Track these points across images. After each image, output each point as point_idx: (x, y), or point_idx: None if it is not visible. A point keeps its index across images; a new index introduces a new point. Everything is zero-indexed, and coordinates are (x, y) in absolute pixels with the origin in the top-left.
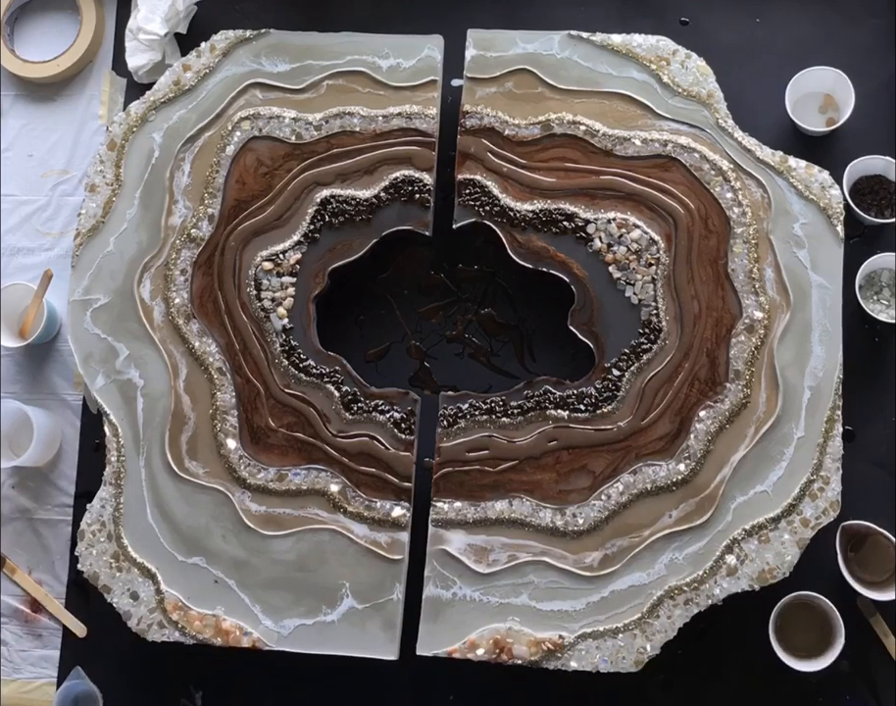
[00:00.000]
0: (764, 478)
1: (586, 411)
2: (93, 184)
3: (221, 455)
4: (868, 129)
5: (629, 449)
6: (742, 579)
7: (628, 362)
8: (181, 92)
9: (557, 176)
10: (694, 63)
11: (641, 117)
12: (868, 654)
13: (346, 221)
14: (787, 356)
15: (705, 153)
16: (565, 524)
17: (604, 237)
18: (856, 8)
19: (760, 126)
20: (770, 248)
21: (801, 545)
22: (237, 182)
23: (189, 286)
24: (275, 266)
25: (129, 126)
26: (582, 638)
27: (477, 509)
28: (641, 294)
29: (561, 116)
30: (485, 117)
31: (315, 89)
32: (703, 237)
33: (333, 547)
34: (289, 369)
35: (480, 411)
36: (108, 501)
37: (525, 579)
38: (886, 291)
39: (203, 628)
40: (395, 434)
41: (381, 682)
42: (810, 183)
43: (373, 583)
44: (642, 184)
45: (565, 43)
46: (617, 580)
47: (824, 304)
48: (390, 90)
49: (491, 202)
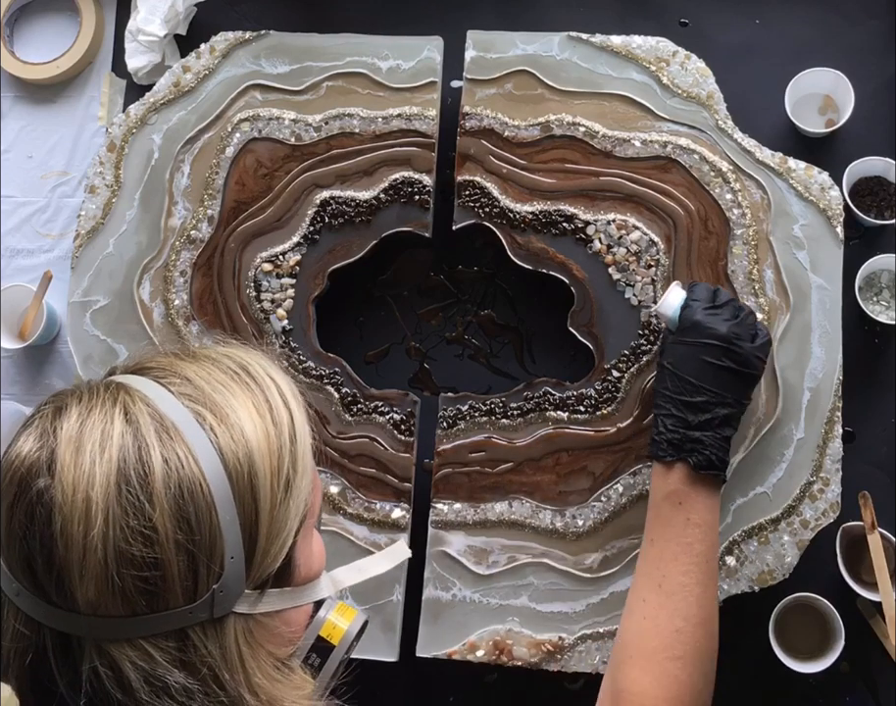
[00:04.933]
0: (763, 479)
1: (586, 412)
2: (93, 186)
3: None
4: (867, 131)
5: (629, 451)
6: (742, 581)
7: (628, 363)
8: (181, 94)
9: (557, 177)
10: (694, 64)
11: (641, 118)
12: (868, 655)
13: (346, 222)
14: (787, 357)
15: (705, 154)
16: (565, 525)
17: (604, 239)
18: (855, 9)
19: (759, 127)
20: (769, 249)
21: (801, 547)
22: (237, 184)
23: (189, 288)
24: (275, 267)
25: (129, 128)
26: (582, 640)
27: (477, 510)
28: (641, 296)
29: (560, 117)
30: (485, 118)
31: (314, 91)
32: (703, 239)
33: (333, 549)
34: (289, 370)
35: (480, 412)
36: None
37: (525, 580)
38: (886, 293)
39: None
40: (395, 436)
41: (381, 684)
42: (809, 185)
43: (373, 585)
44: (642, 186)
45: (564, 44)
46: (617, 582)
47: (824, 305)
48: (390, 92)
49: (491, 203)
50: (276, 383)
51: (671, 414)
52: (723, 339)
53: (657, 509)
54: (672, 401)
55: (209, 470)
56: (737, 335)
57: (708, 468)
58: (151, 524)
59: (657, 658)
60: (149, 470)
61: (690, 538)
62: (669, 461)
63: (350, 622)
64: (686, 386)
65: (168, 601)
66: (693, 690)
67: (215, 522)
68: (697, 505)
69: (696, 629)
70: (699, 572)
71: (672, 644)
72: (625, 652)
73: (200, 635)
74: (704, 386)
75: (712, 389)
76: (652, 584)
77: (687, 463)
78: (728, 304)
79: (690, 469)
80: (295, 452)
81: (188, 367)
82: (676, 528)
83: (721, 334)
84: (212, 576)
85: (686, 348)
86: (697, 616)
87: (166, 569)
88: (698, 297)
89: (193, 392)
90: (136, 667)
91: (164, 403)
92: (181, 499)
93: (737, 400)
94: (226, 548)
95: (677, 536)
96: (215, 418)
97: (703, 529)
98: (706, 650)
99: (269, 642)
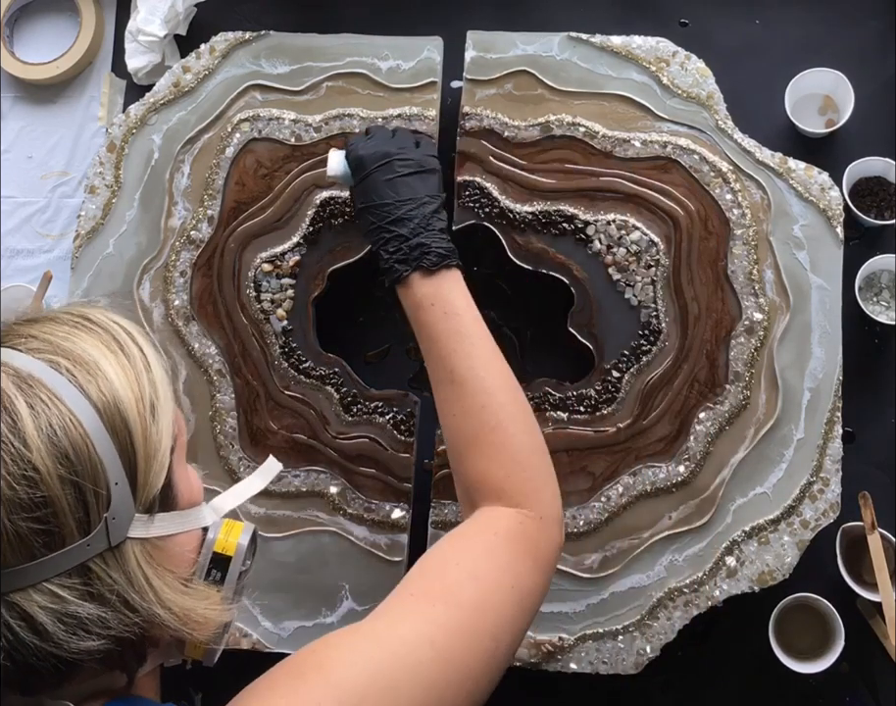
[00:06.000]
0: (763, 479)
1: (586, 412)
2: (93, 186)
3: (220, 457)
4: (867, 131)
5: (629, 451)
6: (742, 581)
7: (628, 363)
8: (181, 94)
9: (556, 177)
10: (694, 64)
11: (641, 118)
12: (868, 656)
13: (346, 223)
14: (787, 358)
15: (705, 154)
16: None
17: (604, 239)
18: (856, 9)
19: (759, 127)
20: (769, 250)
21: (801, 547)
22: (237, 184)
23: (189, 288)
24: (275, 268)
25: (129, 128)
26: (582, 640)
27: None
28: (641, 296)
29: (560, 117)
30: (485, 118)
31: (314, 91)
32: (703, 239)
33: (333, 549)
34: (289, 371)
35: None
36: None
37: None
38: (886, 293)
39: None
40: (395, 436)
41: None
42: (809, 185)
43: (373, 585)
44: (642, 186)
45: (564, 45)
46: (616, 582)
47: (824, 306)
48: (390, 92)
49: (491, 204)
50: (120, 325)
51: (386, 239)
52: (389, 154)
53: (417, 323)
54: (380, 228)
55: (75, 406)
56: (400, 147)
57: (440, 263)
58: (31, 465)
59: (478, 440)
60: (17, 416)
61: (455, 326)
62: (406, 276)
63: (240, 534)
64: (385, 209)
65: (64, 538)
66: (519, 445)
67: (92, 450)
68: (448, 296)
69: (498, 395)
70: (477, 350)
71: (485, 419)
72: (455, 452)
73: (102, 566)
74: (399, 199)
75: (407, 197)
76: (445, 383)
77: (421, 267)
78: (379, 130)
79: (425, 271)
80: (153, 379)
81: (30, 328)
82: (439, 324)
83: (385, 151)
84: (101, 503)
85: (368, 180)
86: (494, 385)
87: (56, 505)
88: (353, 141)
89: (41, 345)
90: (47, 610)
91: (16, 360)
92: (55, 436)
93: (432, 196)
94: (109, 474)
95: (444, 332)
96: (69, 361)
97: (462, 314)
98: (516, 411)
99: (169, 563)
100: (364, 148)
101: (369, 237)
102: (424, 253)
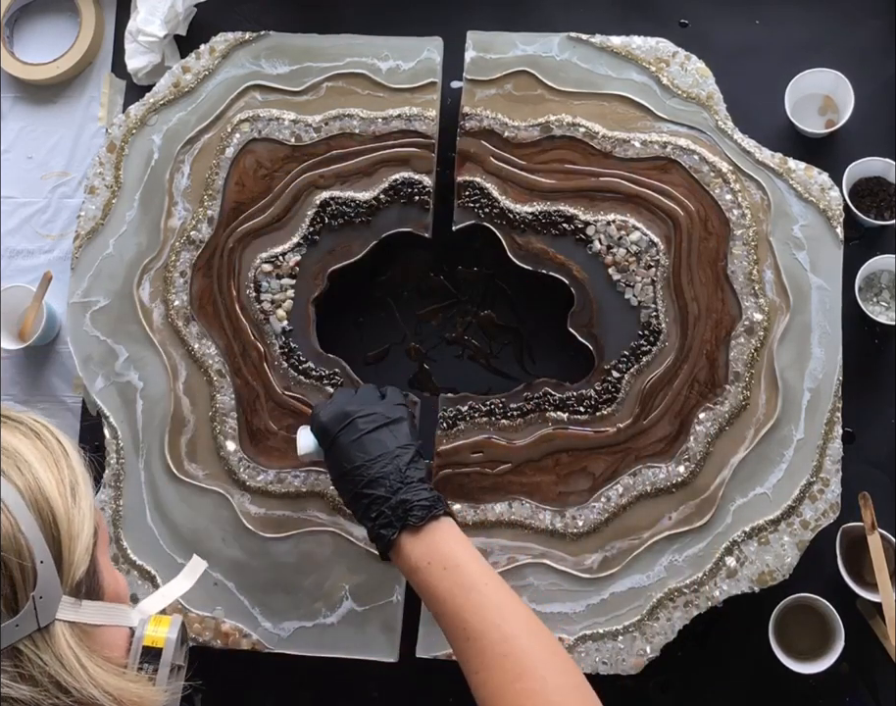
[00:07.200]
0: (763, 480)
1: (586, 413)
2: (93, 187)
3: (220, 457)
4: (867, 131)
5: (629, 451)
6: (742, 581)
7: (628, 364)
8: (181, 94)
9: (556, 177)
10: (694, 65)
11: (641, 118)
12: (868, 656)
13: (346, 223)
14: (787, 358)
15: (704, 155)
16: (564, 526)
17: (603, 239)
18: (856, 9)
19: (759, 127)
20: (769, 250)
21: (801, 547)
22: (237, 184)
23: (189, 288)
24: (275, 268)
25: (129, 129)
26: (582, 640)
27: (477, 511)
28: (641, 296)
29: (560, 118)
30: (485, 119)
31: (314, 91)
32: (702, 239)
33: (333, 549)
34: (289, 371)
35: (480, 413)
36: (107, 503)
37: (525, 581)
38: (886, 293)
39: (202, 630)
40: None
41: (381, 684)
42: (809, 185)
43: (373, 586)
44: (642, 186)
45: (564, 45)
46: (616, 583)
47: (824, 306)
48: (390, 92)
49: (491, 204)
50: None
51: (366, 505)
52: (349, 414)
53: (418, 586)
54: (357, 495)
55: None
56: (362, 403)
57: (426, 516)
58: None
59: (505, 692)
60: None
61: (458, 579)
62: (394, 539)
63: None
64: (357, 472)
65: None
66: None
67: (16, 527)
68: (443, 550)
69: (520, 640)
70: (487, 599)
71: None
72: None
73: (32, 648)
74: (370, 458)
75: (377, 454)
76: (461, 641)
77: (408, 526)
78: (341, 392)
79: (413, 529)
80: (71, 464)
81: None
82: (442, 583)
83: (346, 411)
84: (28, 581)
85: (334, 446)
86: (513, 631)
87: None
88: (315, 408)
89: None
90: None
91: None
92: None
93: (403, 446)
94: (35, 551)
95: (448, 589)
96: None
97: (462, 564)
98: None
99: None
100: (325, 414)
101: (349, 508)
102: (408, 510)
